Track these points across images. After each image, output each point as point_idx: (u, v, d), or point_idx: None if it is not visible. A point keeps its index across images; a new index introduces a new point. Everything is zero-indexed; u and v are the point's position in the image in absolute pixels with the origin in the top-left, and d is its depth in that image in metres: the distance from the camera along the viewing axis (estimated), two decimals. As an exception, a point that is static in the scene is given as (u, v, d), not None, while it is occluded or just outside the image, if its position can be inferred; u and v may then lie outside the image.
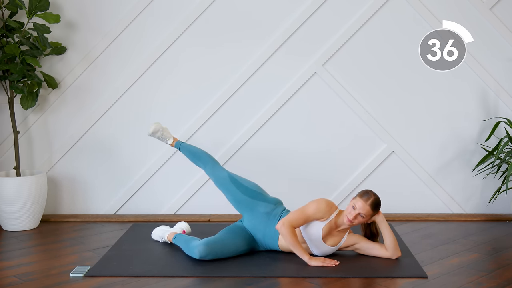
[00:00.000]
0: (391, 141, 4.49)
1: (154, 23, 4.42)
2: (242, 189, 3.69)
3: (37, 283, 3.14)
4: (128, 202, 4.55)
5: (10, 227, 4.21)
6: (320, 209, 3.40)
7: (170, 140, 4.03)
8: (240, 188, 3.69)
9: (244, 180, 3.76)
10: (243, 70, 4.44)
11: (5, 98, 4.39)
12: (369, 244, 3.50)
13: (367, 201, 3.35)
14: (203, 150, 3.98)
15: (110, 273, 3.26)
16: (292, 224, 3.37)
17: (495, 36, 4.40)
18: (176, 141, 4.03)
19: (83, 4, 4.41)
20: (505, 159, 4.21)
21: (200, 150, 3.97)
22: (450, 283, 3.11)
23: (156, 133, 4.00)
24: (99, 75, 4.47)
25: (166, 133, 4.02)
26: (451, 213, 4.51)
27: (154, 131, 3.99)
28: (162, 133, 4.01)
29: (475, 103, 4.47)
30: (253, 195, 3.66)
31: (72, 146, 4.51)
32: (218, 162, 3.93)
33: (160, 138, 4.02)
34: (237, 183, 3.72)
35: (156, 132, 4.00)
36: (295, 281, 3.16)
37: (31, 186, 4.18)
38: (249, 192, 3.67)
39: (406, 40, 4.42)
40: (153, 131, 3.99)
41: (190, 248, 3.45)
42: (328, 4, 4.39)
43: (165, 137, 4.02)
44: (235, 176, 3.78)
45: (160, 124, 4.03)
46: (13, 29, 4.23)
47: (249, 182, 3.75)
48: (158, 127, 4.00)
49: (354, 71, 4.45)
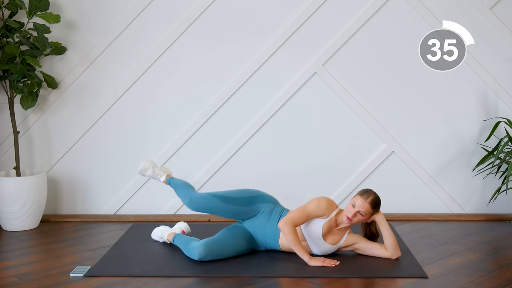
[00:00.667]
0: (391, 141, 4.49)
1: (154, 23, 4.42)
2: (239, 202, 3.57)
3: (37, 283, 3.14)
4: (128, 202, 4.55)
5: (10, 227, 4.20)
6: (321, 206, 3.41)
7: (163, 177, 3.89)
8: (238, 202, 3.56)
9: (235, 192, 3.62)
10: (243, 70, 4.44)
11: (5, 98, 4.39)
12: (369, 244, 3.50)
13: (366, 199, 3.36)
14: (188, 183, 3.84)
15: (110, 273, 3.26)
16: (293, 222, 3.37)
17: (495, 36, 4.40)
18: (167, 177, 3.90)
19: (83, 4, 4.41)
20: (505, 159, 4.21)
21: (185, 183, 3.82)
22: (450, 283, 3.11)
23: (146, 171, 3.90)
24: (99, 75, 4.47)
25: (158, 171, 3.91)
26: (451, 213, 4.51)
27: (143, 170, 3.90)
28: (153, 171, 3.90)
29: (475, 103, 4.47)
30: (252, 202, 3.59)
31: (72, 146, 4.51)
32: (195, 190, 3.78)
33: (152, 176, 3.91)
34: (231, 200, 3.56)
35: (145, 170, 3.90)
36: (295, 281, 3.16)
37: (31, 186, 4.18)
38: (246, 202, 3.58)
39: (406, 40, 4.42)
40: (142, 170, 3.90)
41: (190, 249, 3.45)
42: (328, 4, 4.39)
43: (157, 175, 3.91)
44: (224, 193, 3.60)
45: (152, 162, 3.93)
46: (13, 29, 4.23)
47: (241, 192, 3.63)
48: (147, 165, 3.90)
49: (354, 71, 4.45)
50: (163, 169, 3.96)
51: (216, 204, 3.56)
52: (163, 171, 3.93)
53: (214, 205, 3.57)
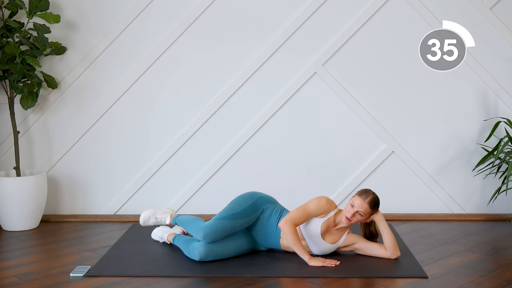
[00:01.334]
0: (391, 141, 4.49)
1: (154, 23, 4.42)
2: (245, 214, 3.51)
3: (37, 283, 3.14)
4: (128, 202, 4.55)
5: (10, 227, 4.20)
6: (321, 205, 3.42)
7: (168, 220, 3.85)
8: (244, 214, 3.50)
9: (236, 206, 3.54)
10: (243, 70, 4.44)
11: (5, 98, 4.39)
12: (368, 244, 3.50)
13: (365, 199, 3.36)
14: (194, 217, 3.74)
15: (110, 273, 3.26)
16: (294, 222, 3.37)
17: (495, 36, 4.40)
18: (172, 217, 3.85)
19: (83, 4, 4.41)
20: (505, 159, 4.21)
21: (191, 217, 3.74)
22: (450, 283, 3.11)
23: (149, 221, 3.85)
24: (99, 75, 4.47)
25: (160, 215, 3.86)
26: (451, 213, 4.51)
27: (145, 220, 3.83)
28: (156, 218, 3.85)
29: (475, 103, 4.47)
30: (255, 208, 3.55)
31: (72, 146, 4.51)
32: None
33: (156, 223, 3.86)
34: (236, 216, 3.49)
35: (147, 220, 3.84)
36: (295, 281, 3.16)
37: (31, 186, 4.18)
38: (251, 211, 3.53)
39: (406, 40, 4.41)
40: (144, 221, 3.83)
41: (190, 249, 3.45)
42: (328, 4, 4.39)
43: (161, 220, 3.86)
44: (228, 212, 3.50)
45: (148, 211, 3.86)
46: (13, 29, 4.23)
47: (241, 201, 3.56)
48: (147, 214, 3.84)
49: (354, 71, 4.45)
50: (163, 211, 3.90)
51: (228, 225, 3.46)
52: (165, 214, 3.88)
53: (228, 227, 3.45)
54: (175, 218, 3.81)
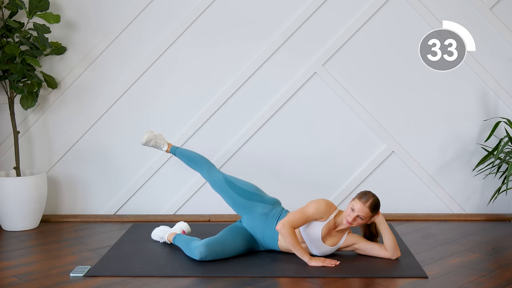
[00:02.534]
0: (391, 141, 4.49)
1: (154, 23, 4.42)
2: (238, 191, 3.68)
3: (37, 283, 3.14)
4: (128, 202, 4.55)
5: (10, 227, 4.20)
6: (320, 209, 3.40)
7: (165, 146, 4.02)
8: (237, 190, 3.68)
9: (240, 181, 3.75)
10: (243, 70, 4.44)
11: (5, 98, 4.39)
12: (368, 244, 3.50)
13: (365, 203, 3.35)
14: (199, 154, 3.98)
15: (110, 273, 3.26)
16: (292, 224, 3.37)
17: (495, 36, 4.40)
18: (171, 146, 4.03)
19: (83, 4, 4.41)
20: (505, 159, 4.21)
21: (195, 154, 3.97)
22: (450, 283, 3.11)
23: (150, 142, 3.99)
24: (99, 75, 4.47)
25: (160, 141, 4.02)
26: (451, 213, 4.51)
27: (148, 140, 3.99)
28: (155, 141, 4.01)
29: (475, 103, 4.47)
30: (250, 197, 3.65)
31: (72, 146, 4.51)
32: (213, 165, 3.93)
33: (155, 146, 4.02)
34: (233, 186, 3.71)
35: (149, 141, 3.99)
36: (295, 281, 3.16)
37: (31, 186, 4.18)
38: (246, 194, 3.66)
39: (406, 40, 4.41)
40: (146, 140, 3.99)
41: (191, 249, 3.45)
42: (328, 4, 4.39)
43: (159, 145, 4.01)
44: (231, 178, 3.77)
45: (153, 132, 4.03)
46: (13, 29, 4.23)
47: (246, 184, 3.74)
48: (151, 135, 4.00)
49: (354, 71, 4.45)
50: (163, 138, 4.05)
51: (221, 182, 3.73)
52: (164, 141, 4.03)
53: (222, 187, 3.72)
54: (175, 149, 3.99)
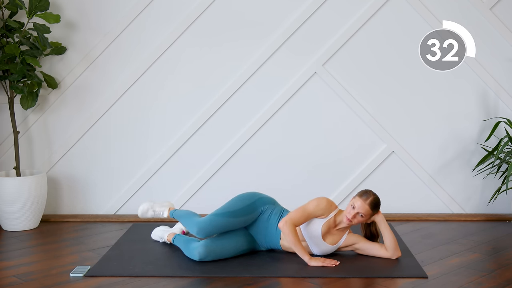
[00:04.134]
0: (391, 141, 4.49)
1: (154, 23, 4.42)
2: (242, 212, 3.52)
3: (37, 283, 3.14)
4: (128, 202, 4.55)
5: (10, 227, 4.20)
6: (321, 206, 3.41)
7: (165, 213, 3.86)
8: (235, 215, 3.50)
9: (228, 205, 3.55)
10: (243, 70, 4.44)
11: (5, 98, 4.39)
12: (368, 244, 3.50)
13: (366, 200, 3.36)
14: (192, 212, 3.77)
15: (110, 273, 3.26)
16: (293, 222, 3.37)
17: (495, 36, 4.40)
18: (170, 211, 3.86)
19: (83, 4, 4.41)
20: (505, 159, 4.21)
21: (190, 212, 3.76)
22: (450, 283, 3.11)
23: (147, 213, 3.87)
24: (99, 75, 4.47)
25: (158, 208, 3.88)
26: (451, 213, 4.51)
27: (143, 212, 3.86)
28: (154, 210, 3.87)
29: (475, 103, 4.47)
30: (253, 208, 3.54)
31: (72, 146, 4.51)
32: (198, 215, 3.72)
33: (154, 216, 3.88)
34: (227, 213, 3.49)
35: (145, 212, 3.87)
36: (295, 281, 3.16)
37: (31, 186, 4.18)
38: (248, 210, 3.53)
39: (406, 40, 4.41)
40: (141, 213, 3.86)
41: (190, 249, 3.45)
42: (328, 4, 4.39)
43: (159, 213, 3.87)
44: (221, 210, 3.53)
45: (147, 203, 3.89)
46: (13, 29, 4.23)
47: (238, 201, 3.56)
48: (146, 207, 3.87)
49: (354, 71, 4.45)
50: (161, 204, 3.92)
51: (222, 223, 3.48)
52: (163, 207, 3.89)
53: (222, 224, 3.47)
54: (173, 212, 3.82)
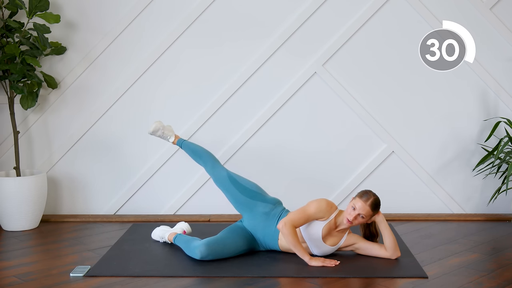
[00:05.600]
0: (391, 141, 4.49)
1: (154, 23, 4.42)
2: (241, 189, 3.69)
3: (37, 283, 3.14)
4: (128, 202, 4.55)
5: (10, 227, 4.20)
6: (321, 208, 3.41)
7: (172, 138, 4.03)
8: (239, 188, 3.69)
9: (243, 180, 3.76)
10: (243, 70, 4.44)
11: (5, 98, 4.39)
12: (368, 244, 3.50)
13: (366, 201, 3.35)
14: (205, 149, 3.98)
15: (110, 273, 3.26)
16: (293, 224, 3.37)
17: (495, 36, 4.40)
18: (178, 139, 4.03)
19: (83, 4, 4.41)
20: (505, 159, 4.21)
21: (201, 148, 3.97)
22: (450, 283, 3.11)
23: (157, 132, 4.01)
24: (99, 75, 4.47)
25: (167, 132, 4.03)
26: (451, 213, 4.51)
27: (155, 130, 4.01)
28: (163, 132, 4.02)
29: (475, 103, 4.47)
30: (252, 195, 3.66)
31: (72, 146, 4.51)
32: (218, 161, 3.93)
33: (161, 136, 4.03)
34: (236, 183, 3.72)
35: (156, 131, 4.01)
36: (295, 281, 3.16)
37: (31, 186, 4.18)
38: (248, 192, 3.68)
39: (406, 40, 4.41)
40: (154, 130, 4.01)
41: (191, 248, 3.45)
42: (328, 4, 4.39)
43: (166, 136, 4.03)
44: (234, 175, 3.78)
45: (161, 123, 4.04)
46: (13, 29, 4.23)
47: (248, 182, 3.75)
48: (159, 125, 4.01)
49: (354, 71, 4.45)
50: (171, 130, 4.05)
51: (224, 182, 3.74)
52: (172, 133, 4.04)
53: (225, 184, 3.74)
54: (182, 141, 4.00)
